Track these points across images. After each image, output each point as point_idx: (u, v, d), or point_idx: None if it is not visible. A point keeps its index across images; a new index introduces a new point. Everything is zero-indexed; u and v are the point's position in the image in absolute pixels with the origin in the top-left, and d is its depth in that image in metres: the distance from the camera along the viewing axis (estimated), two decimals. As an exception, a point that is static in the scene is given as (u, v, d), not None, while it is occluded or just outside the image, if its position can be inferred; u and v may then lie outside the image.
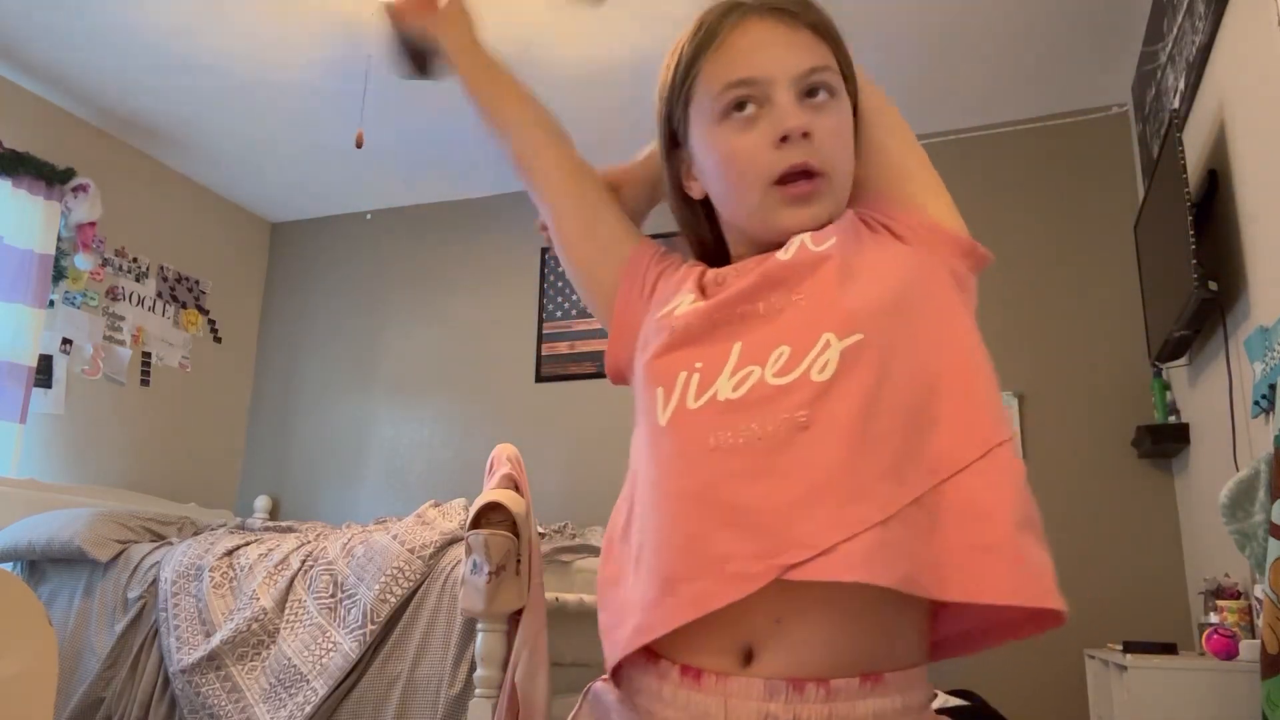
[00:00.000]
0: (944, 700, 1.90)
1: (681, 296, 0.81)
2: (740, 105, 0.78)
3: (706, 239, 0.90)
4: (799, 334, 0.71)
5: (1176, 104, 2.73)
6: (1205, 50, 2.40)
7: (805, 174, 0.77)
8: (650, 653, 0.72)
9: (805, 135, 0.76)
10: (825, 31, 0.81)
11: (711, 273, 0.83)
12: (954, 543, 0.66)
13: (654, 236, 0.94)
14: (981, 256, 0.81)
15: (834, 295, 0.72)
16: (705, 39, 0.81)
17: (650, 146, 0.94)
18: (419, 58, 1.12)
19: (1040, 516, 0.71)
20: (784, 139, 0.76)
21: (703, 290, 0.81)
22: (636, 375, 0.82)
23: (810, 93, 0.78)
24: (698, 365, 0.74)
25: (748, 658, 0.68)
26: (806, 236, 0.77)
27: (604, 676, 0.77)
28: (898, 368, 0.70)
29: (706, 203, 0.87)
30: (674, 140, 0.87)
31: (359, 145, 2.95)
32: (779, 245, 0.79)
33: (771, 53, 0.78)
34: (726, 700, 0.68)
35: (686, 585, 0.68)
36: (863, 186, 0.84)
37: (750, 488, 0.68)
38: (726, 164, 0.80)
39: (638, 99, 3.37)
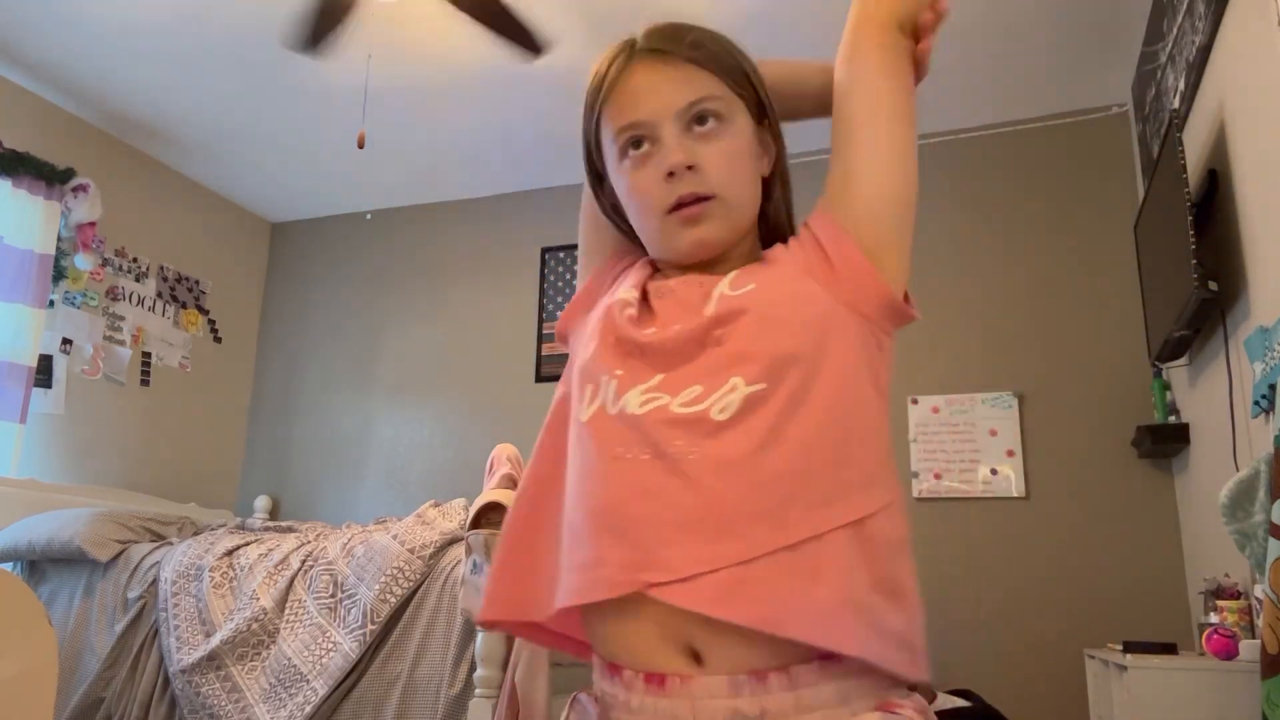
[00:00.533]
0: (944, 701, 1.90)
1: (624, 287, 0.87)
2: (637, 143, 0.84)
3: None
4: (711, 376, 0.76)
5: (1176, 104, 2.73)
6: (1205, 50, 2.40)
7: (696, 199, 0.82)
8: (614, 665, 0.75)
9: (690, 168, 0.81)
10: (707, 61, 0.84)
11: (656, 281, 0.88)
12: (824, 593, 0.70)
13: None
14: (907, 318, 0.84)
15: (747, 345, 0.76)
16: (601, 87, 0.87)
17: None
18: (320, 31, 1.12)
19: (907, 581, 0.76)
20: (670, 174, 0.82)
21: (645, 290, 0.86)
22: (572, 350, 0.89)
23: (700, 120, 0.83)
24: (618, 372, 0.79)
25: (697, 658, 0.71)
26: (725, 285, 0.81)
27: (589, 691, 0.81)
28: (793, 423, 0.74)
29: None
30: (599, 176, 0.92)
31: (361, 145, 2.95)
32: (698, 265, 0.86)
33: (653, 95, 0.84)
34: (694, 703, 0.70)
35: (572, 575, 0.76)
36: (846, 181, 0.85)
37: (638, 503, 0.73)
38: (629, 197, 0.86)
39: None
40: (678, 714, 0.70)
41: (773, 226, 0.91)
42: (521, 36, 2.85)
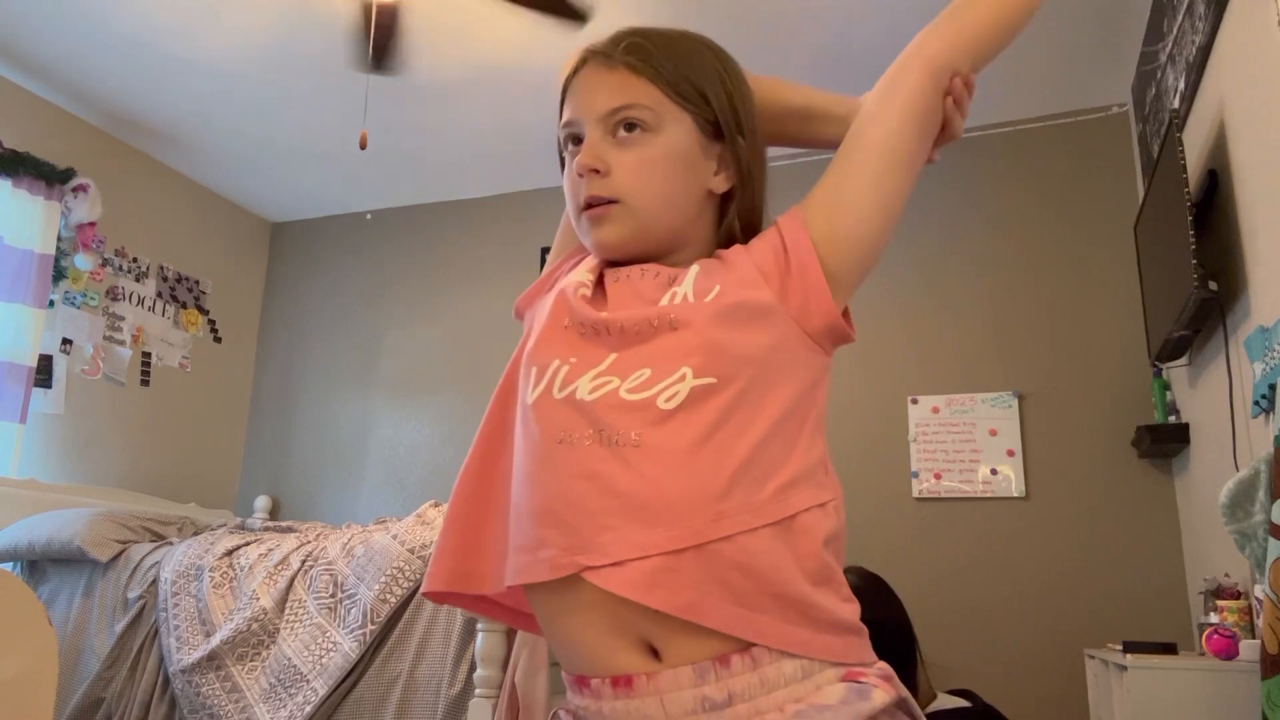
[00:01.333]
0: (944, 700, 1.90)
1: (579, 271, 0.89)
2: (575, 141, 0.88)
3: None
4: (662, 361, 0.77)
5: (1176, 104, 2.73)
6: (1205, 50, 2.40)
7: (600, 201, 0.85)
8: (580, 678, 0.76)
9: (595, 171, 0.84)
10: (644, 69, 0.85)
11: (613, 268, 0.90)
12: (748, 585, 0.72)
13: None
14: (846, 338, 0.85)
15: (702, 339, 0.77)
16: (563, 87, 0.91)
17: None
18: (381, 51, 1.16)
19: (838, 574, 0.78)
20: (580, 174, 0.85)
21: (601, 276, 0.88)
22: (527, 327, 0.92)
23: (628, 127, 0.85)
24: (571, 359, 0.80)
25: (656, 654, 0.72)
26: (689, 285, 0.81)
27: (567, 706, 0.81)
28: (736, 420, 0.75)
29: None
30: None
31: (363, 146, 2.95)
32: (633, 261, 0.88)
33: (584, 97, 0.87)
34: (661, 698, 0.71)
35: (516, 555, 0.78)
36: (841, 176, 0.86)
37: (579, 486, 0.75)
38: (565, 187, 0.90)
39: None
40: (647, 712, 0.71)
41: (727, 241, 0.90)
42: (561, 7, 2.86)
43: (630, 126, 0.84)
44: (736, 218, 0.90)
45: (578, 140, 0.87)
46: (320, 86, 3.61)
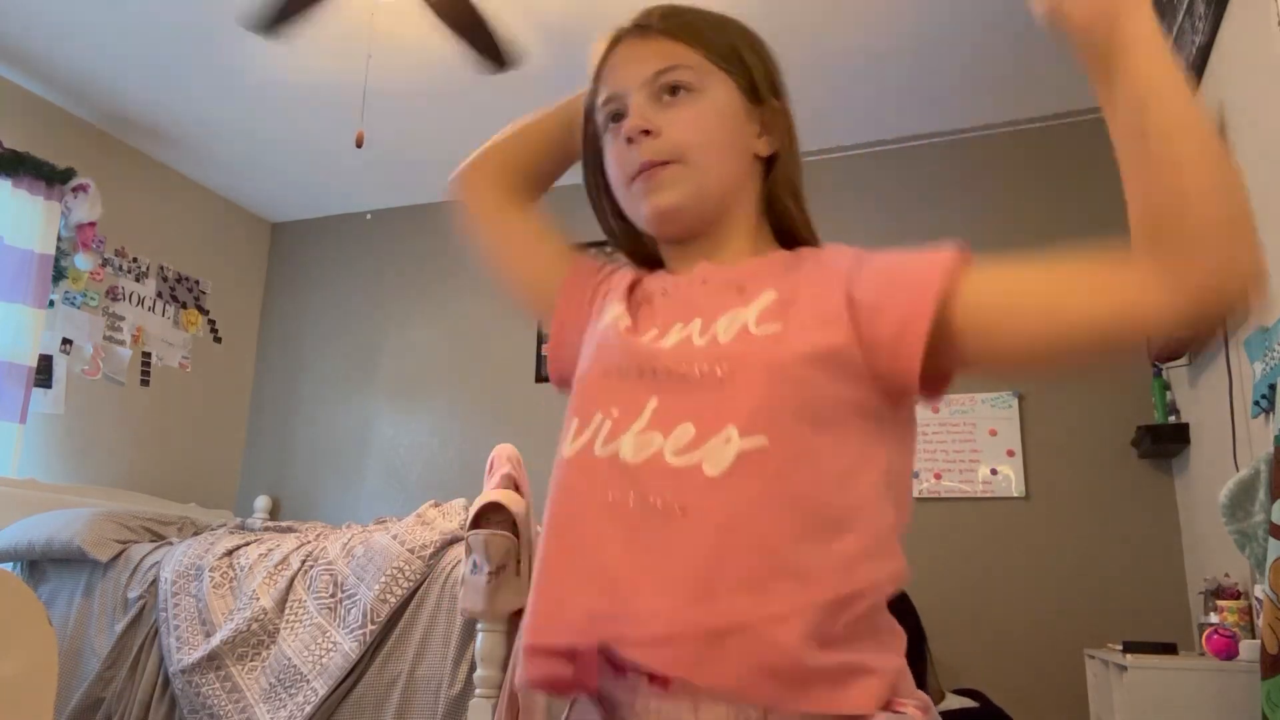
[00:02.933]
0: (951, 701, 1.90)
1: (610, 308, 0.85)
2: (616, 118, 0.85)
3: (638, 249, 0.94)
4: (707, 417, 0.71)
5: (1176, 104, 2.72)
6: (1205, 50, 2.40)
7: (654, 164, 0.82)
8: (617, 666, 0.73)
9: (646, 133, 0.81)
10: (681, 33, 0.84)
11: (642, 285, 0.87)
12: (799, 670, 0.66)
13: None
14: (933, 400, 0.77)
15: (752, 395, 0.71)
16: (593, 73, 0.89)
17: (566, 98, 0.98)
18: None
19: (886, 622, 0.72)
20: (630, 140, 0.82)
21: (631, 303, 0.85)
22: (573, 386, 0.85)
23: (670, 90, 0.83)
24: (614, 412, 0.76)
25: None
26: (753, 315, 0.75)
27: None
28: (788, 486, 0.69)
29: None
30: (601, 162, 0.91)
31: (359, 145, 2.95)
32: (689, 247, 0.84)
33: (624, 69, 0.85)
34: (696, 703, 0.69)
35: (539, 618, 0.74)
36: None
37: (619, 552, 0.71)
38: (610, 168, 0.87)
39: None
40: (681, 716, 0.69)
41: (779, 213, 0.88)
42: (490, 49, 2.86)
43: (675, 89, 0.83)
44: (780, 185, 0.87)
45: (617, 117, 0.85)
46: (320, 87, 3.60)
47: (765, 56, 0.88)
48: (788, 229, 0.88)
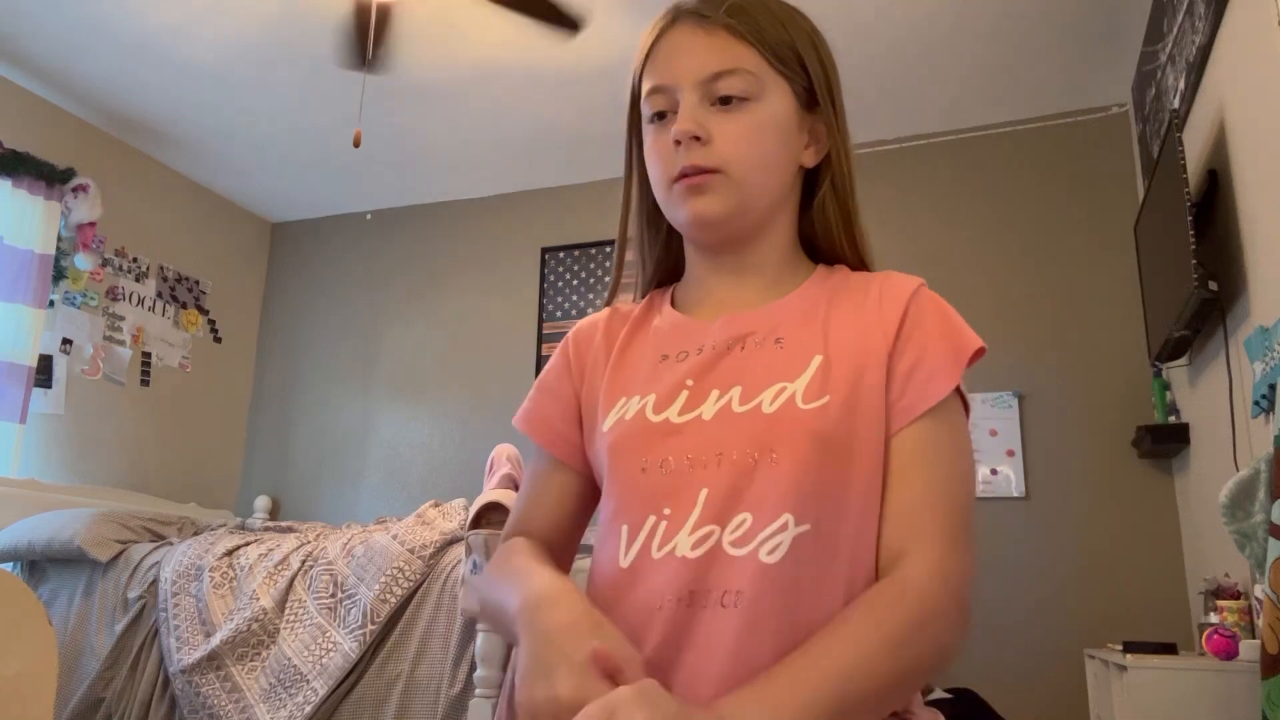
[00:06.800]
0: (937, 695, 1.90)
1: (637, 390, 0.81)
2: (661, 110, 0.82)
3: (663, 259, 0.93)
4: (764, 508, 0.72)
5: (1176, 104, 2.73)
6: (1205, 50, 2.40)
7: (699, 170, 0.80)
8: None
9: (697, 139, 0.79)
10: (746, 31, 0.80)
11: (648, 333, 0.86)
12: None
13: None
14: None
15: (800, 482, 0.72)
16: (643, 50, 0.85)
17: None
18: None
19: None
20: (677, 142, 0.79)
21: (637, 357, 0.84)
22: (599, 458, 0.82)
23: (725, 100, 0.80)
24: (666, 512, 0.75)
25: None
26: (801, 386, 0.75)
27: None
28: (833, 564, 0.71)
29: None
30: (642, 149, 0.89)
31: (357, 145, 2.95)
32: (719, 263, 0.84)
33: (679, 59, 0.81)
34: None
35: None
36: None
37: (675, 650, 0.70)
38: (650, 161, 0.84)
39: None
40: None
41: (822, 228, 0.87)
42: (554, 14, 2.85)
43: (727, 94, 0.79)
44: (827, 198, 0.86)
45: (663, 112, 0.82)
46: (320, 86, 3.60)
47: (825, 57, 0.85)
48: (823, 239, 0.87)
